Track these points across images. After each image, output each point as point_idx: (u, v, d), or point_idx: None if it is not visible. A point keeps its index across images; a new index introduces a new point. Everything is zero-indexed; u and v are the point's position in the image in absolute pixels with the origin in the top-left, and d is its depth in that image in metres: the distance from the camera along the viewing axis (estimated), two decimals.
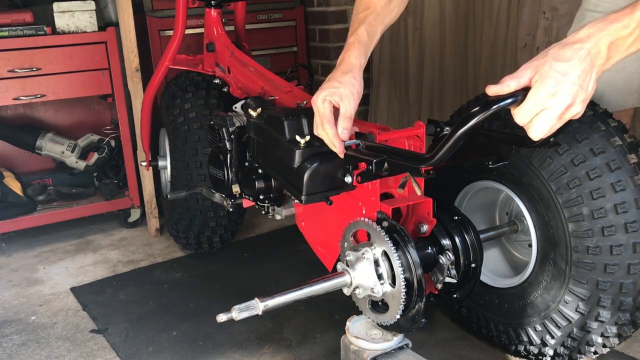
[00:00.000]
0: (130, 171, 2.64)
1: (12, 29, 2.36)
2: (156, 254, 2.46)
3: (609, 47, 1.00)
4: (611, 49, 1.00)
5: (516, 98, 1.02)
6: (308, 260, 2.22)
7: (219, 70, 2.14)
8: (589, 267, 1.37)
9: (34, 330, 1.91)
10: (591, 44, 0.99)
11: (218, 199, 1.81)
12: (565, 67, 0.99)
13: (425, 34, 2.89)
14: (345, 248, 1.38)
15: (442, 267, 1.32)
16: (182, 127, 2.15)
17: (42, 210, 2.58)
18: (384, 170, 1.23)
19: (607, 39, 0.99)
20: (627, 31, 0.99)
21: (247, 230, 2.63)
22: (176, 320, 1.92)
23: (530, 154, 1.43)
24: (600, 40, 0.99)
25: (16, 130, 2.72)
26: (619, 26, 0.99)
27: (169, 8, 2.88)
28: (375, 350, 1.34)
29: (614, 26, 0.99)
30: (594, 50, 1.00)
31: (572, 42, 1.01)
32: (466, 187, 1.65)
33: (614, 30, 0.99)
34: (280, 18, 3.18)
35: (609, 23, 1.00)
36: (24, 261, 2.45)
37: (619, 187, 1.34)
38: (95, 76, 2.51)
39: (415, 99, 3.05)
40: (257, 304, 1.20)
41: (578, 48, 1.00)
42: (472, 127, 1.04)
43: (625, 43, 1.00)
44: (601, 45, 1.00)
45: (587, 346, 1.44)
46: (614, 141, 1.37)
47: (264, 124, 1.47)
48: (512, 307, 1.55)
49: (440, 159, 1.10)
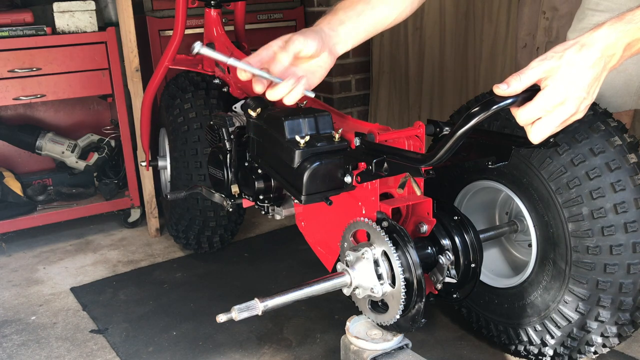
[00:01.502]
0: (130, 171, 2.64)
1: (12, 29, 2.36)
2: (156, 254, 2.46)
3: (625, 48, 0.98)
4: (626, 49, 0.98)
5: (517, 99, 1.00)
6: (308, 260, 2.22)
7: (218, 71, 2.14)
8: (589, 267, 1.37)
9: (34, 330, 1.91)
10: (608, 46, 0.97)
11: (218, 199, 1.81)
12: (577, 75, 0.96)
13: (425, 34, 2.89)
14: (345, 248, 1.38)
15: (442, 267, 1.32)
16: (181, 127, 2.15)
17: (42, 210, 2.58)
18: (384, 170, 1.23)
19: (625, 40, 0.97)
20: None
21: (247, 230, 2.63)
22: (176, 320, 1.92)
23: (530, 154, 1.43)
24: (617, 42, 0.97)
25: (16, 130, 2.73)
26: (636, 27, 0.97)
27: (169, 8, 2.88)
28: (375, 350, 1.34)
29: (631, 27, 0.97)
30: (610, 52, 0.97)
31: (589, 44, 0.97)
32: (466, 187, 1.65)
33: (632, 31, 0.97)
34: (280, 18, 3.18)
35: (626, 23, 0.97)
36: (24, 261, 2.45)
37: (619, 187, 1.34)
38: (95, 76, 2.51)
39: (415, 99, 3.05)
40: (257, 304, 1.20)
41: (594, 52, 0.96)
42: (472, 127, 1.04)
43: (639, 43, 0.98)
44: (618, 47, 0.97)
45: (587, 346, 1.44)
46: (613, 141, 1.37)
47: (263, 124, 1.47)
48: (512, 307, 1.55)
49: (440, 159, 1.10)
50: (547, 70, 0.98)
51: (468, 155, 1.37)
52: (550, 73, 0.97)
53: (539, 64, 0.98)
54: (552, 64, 0.97)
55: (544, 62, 0.98)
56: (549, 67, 0.98)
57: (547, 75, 0.98)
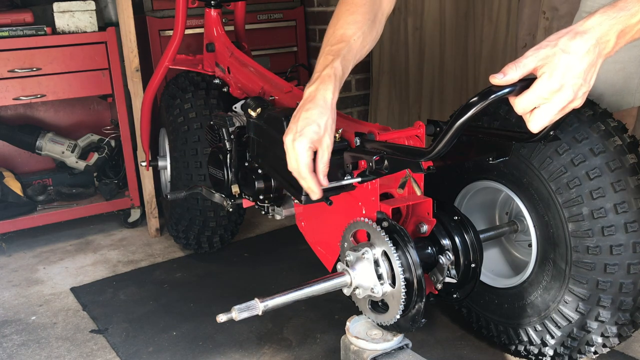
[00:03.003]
0: (130, 171, 2.64)
1: (12, 29, 2.36)
2: (156, 254, 2.46)
3: (618, 35, 0.98)
4: (620, 36, 0.98)
5: (514, 88, 1.00)
6: (308, 261, 2.22)
7: (218, 71, 2.14)
8: (589, 267, 1.37)
9: (34, 330, 1.91)
10: (601, 33, 0.97)
11: (218, 199, 1.81)
12: (573, 61, 0.96)
13: (425, 34, 2.89)
14: (345, 248, 1.38)
15: (442, 267, 1.32)
16: (182, 127, 2.15)
17: (42, 210, 2.58)
18: (384, 168, 1.22)
19: (617, 27, 0.97)
20: (635, 19, 0.97)
21: (247, 230, 2.63)
22: (176, 320, 1.92)
23: (530, 154, 1.43)
24: (611, 29, 0.97)
25: (16, 130, 2.73)
26: (628, 14, 0.97)
27: (169, 8, 2.88)
28: (375, 350, 1.34)
29: (623, 14, 0.97)
30: (604, 39, 0.97)
31: (582, 32, 0.97)
32: (466, 187, 1.65)
33: (624, 18, 0.97)
34: (280, 18, 3.18)
35: (618, 10, 0.97)
36: (24, 261, 2.45)
37: (619, 186, 1.34)
38: (95, 76, 2.51)
39: (415, 99, 3.05)
40: (257, 304, 1.20)
41: (588, 39, 0.97)
42: (470, 118, 1.03)
43: (632, 30, 0.98)
44: (611, 34, 0.97)
45: (587, 346, 1.44)
46: (613, 141, 1.37)
47: (263, 124, 1.47)
48: (512, 307, 1.55)
49: (440, 151, 1.09)
50: (543, 58, 0.98)
51: (469, 153, 1.37)
52: (546, 61, 0.98)
53: (534, 52, 0.99)
54: (547, 52, 0.98)
55: (539, 51, 0.99)
56: (544, 55, 0.98)
57: (543, 63, 0.98)
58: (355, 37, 1.29)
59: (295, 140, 1.19)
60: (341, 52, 1.27)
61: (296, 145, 1.19)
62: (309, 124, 1.19)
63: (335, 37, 1.30)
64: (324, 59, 1.28)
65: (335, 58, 1.26)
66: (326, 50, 1.29)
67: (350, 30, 1.29)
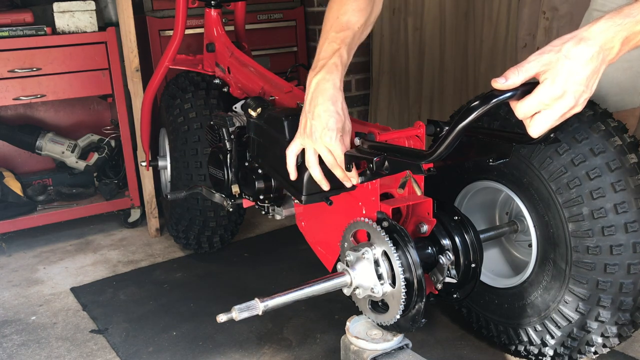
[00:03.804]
0: (130, 171, 2.64)
1: (12, 29, 2.36)
2: (156, 254, 2.46)
3: (622, 42, 0.97)
4: (624, 43, 0.98)
5: (516, 92, 0.99)
6: (308, 261, 2.21)
7: (219, 71, 2.14)
8: (589, 267, 1.37)
9: (34, 330, 1.91)
10: (606, 39, 0.96)
11: (218, 199, 1.81)
12: (576, 68, 0.96)
13: (425, 34, 2.89)
14: (345, 248, 1.38)
15: (442, 267, 1.32)
16: (182, 127, 2.15)
17: (42, 210, 2.58)
18: (385, 168, 1.22)
19: (622, 34, 0.97)
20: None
21: (247, 230, 2.63)
22: (176, 320, 1.92)
23: (530, 154, 1.43)
24: (615, 36, 0.97)
25: (16, 130, 2.73)
26: (634, 21, 0.96)
27: (169, 8, 2.88)
28: (375, 350, 1.34)
29: (629, 20, 0.96)
30: (608, 46, 0.97)
31: (586, 38, 0.97)
32: (466, 187, 1.65)
33: (629, 25, 0.97)
34: (280, 18, 3.18)
35: (624, 17, 0.97)
36: (24, 261, 2.45)
37: (619, 186, 1.34)
38: (95, 76, 2.51)
39: (415, 99, 3.05)
40: (257, 304, 1.20)
41: (592, 45, 0.96)
42: (471, 122, 1.03)
43: (637, 37, 0.98)
44: (616, 41, 0.97)
45: (587, 346, 1.44)
46: (613, 141, 1.37)
47: (264, 124, 1.47)
48: (512, 307, 1.55)
49: (441, 154, 1.09)
50: (546, 64, 0.97)
51: (469, 154, 1.37)
52: (548, 66, 0.97)
53: (538, 57, 0.98)
54: (551, 57, 0.97)
55: (542, 56, 0.98)
56: (547, 61, 0.97)
57: (546, 68, 0.97)
58: (359, 25, 1.31)
59: (325, 136, 1.22)
60: (346, 40, 1.29)
61: (326, 140, 1.22)
62: (331, 115, 1.23)
63: (340, 23, 1.31)
64: (329, 45, 1.29)
65: (341, 46, 1.28)
66: (331, 37, 1.30)
67: (355, 17, 1.31)
